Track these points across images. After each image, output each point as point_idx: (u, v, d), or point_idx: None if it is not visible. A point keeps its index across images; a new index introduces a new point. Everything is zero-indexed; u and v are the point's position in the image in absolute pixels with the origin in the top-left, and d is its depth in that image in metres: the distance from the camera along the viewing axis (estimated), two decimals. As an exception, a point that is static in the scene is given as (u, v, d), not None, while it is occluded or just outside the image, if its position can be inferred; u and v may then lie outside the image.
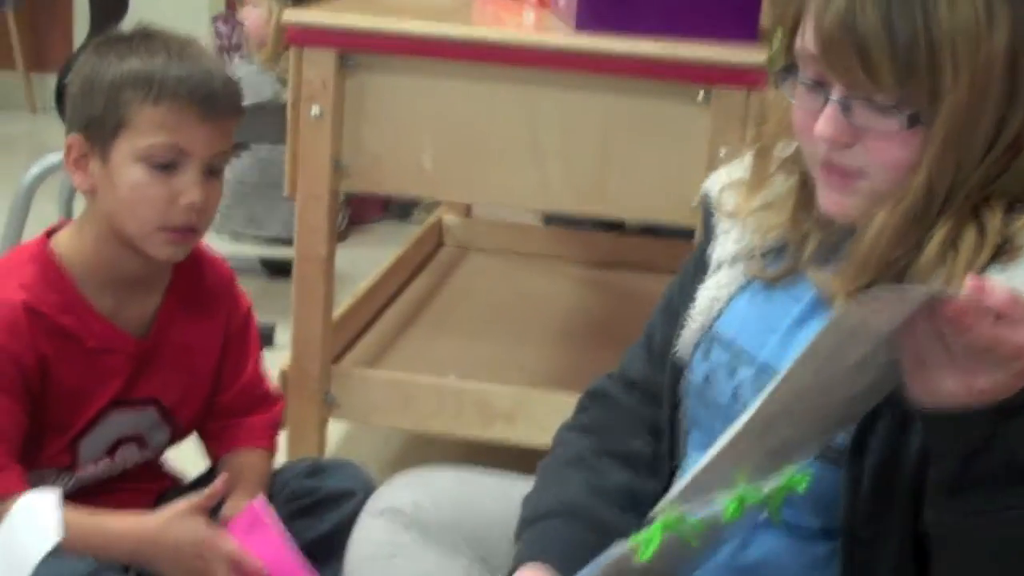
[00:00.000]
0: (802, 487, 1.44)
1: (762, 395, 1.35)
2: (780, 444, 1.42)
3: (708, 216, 1.70)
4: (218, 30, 4.52)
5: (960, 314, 1.26)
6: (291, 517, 2.02)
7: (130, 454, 2.03)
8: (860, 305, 1.28)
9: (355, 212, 4.76)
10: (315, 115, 2.56)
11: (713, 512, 1.42)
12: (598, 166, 2.56)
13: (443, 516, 1.78)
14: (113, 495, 2.02)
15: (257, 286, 3.94)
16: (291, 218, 2.73)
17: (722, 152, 2.39)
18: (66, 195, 3.42)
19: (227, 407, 2.11)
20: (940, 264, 1.43)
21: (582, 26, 2.53)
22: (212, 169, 1.91)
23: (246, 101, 4.07)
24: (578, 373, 2.58)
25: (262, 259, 4.25)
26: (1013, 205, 1.45)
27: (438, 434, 2.90)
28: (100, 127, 1.87)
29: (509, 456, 2.56)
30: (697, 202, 1.77)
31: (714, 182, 1.71)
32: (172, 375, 2.02)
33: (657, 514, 1.44)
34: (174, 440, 2.10)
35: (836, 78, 1.43)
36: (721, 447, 1.39)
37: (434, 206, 4.18)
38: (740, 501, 1.42)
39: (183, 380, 2.04)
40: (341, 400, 2.77)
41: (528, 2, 2.88)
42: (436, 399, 2.76)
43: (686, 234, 2.42)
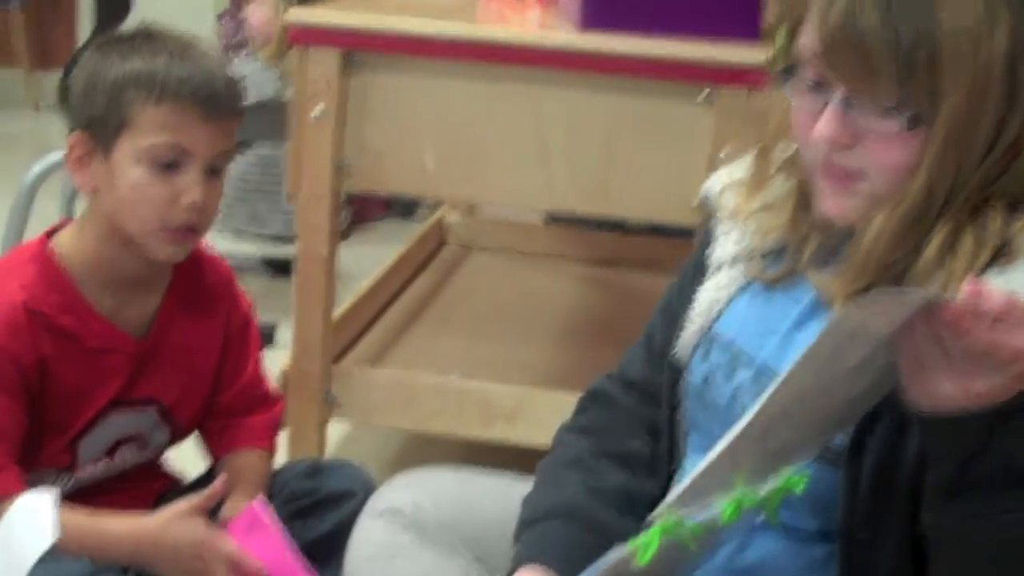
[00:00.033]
0: (800, 488, 1.44)
1: (761, 398, 1.35)
2: (779, 447, 1.42)
3: (708, 217, 1.71)
4: (223, 27, 4.52)
5: (958, 318, 1.27)
6: (291, 517, 2.02)
7: (130, 455, 2.03)
8: (859, 308, 1.28)
9: (358, 210, 4.76)
10: (318, 115, 2.56)
11: (711, 515, 1.42)
12: (601, 166, 2.56)
13: (443, 517, 1.78)
14: (112, 496, 2.01)
15: (259, 285, 3.95)
16: (293, 216, 2.73)
17: (723, 152, 2.39)
18: (68, 194, 3.41)
19: (227, 407, 2.11)
20: (939, 266, 1.43)
21: (585, 26, 2.53)
22: (214, 169, 1.91)
23: (249, 99, 4.08)
24: (579, 373, 2.57)
25: (264, 257, 4.25)
26: (1012, 207, 1.45)
27: (439, 434, 2.90)
28: (102, 127, 1.87)
29: (510, 456, 2.56)
30: (698, 202, 1.77)
31: (714, 183, 1.71)
32: (172, 375, 2.02)
33: (655, 518, 1.44)
34: (174, 440, 2.10)
35: (837, 79, 1.43)
36: (720, 451, 1.39)
37: (437, 205, 4.18)
38: (737, 504, 1.42)
39: (183, 380, 2.04)
40: (342, 400, 2.77)
41: (532, 1, 2.88)
42: (437, 399, 2.76)
43: (689, 233, 2.42)
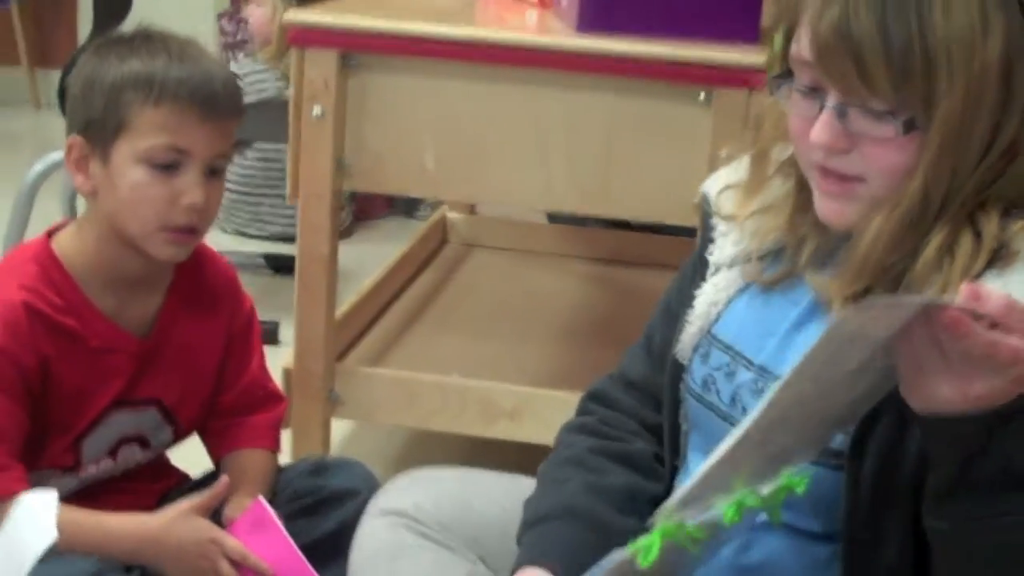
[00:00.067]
0: (801, 488, 1.44)
1: (761, 403, 1.35)
2: (779, 449, 1.42)
3: (707, 218, 1.71)
4: (223, 27, 4.53)
5: (956, 321, 1.27)
6: (295, 516, 2.02)
7: (132, 454, 2.03)
8: (858, 313, 1.28)
9: (360, 208, 4.76)
10: (317, 115, 2.56)
11: (712, 517, 1.42)
12: (600, 166, 2.56)
13: (445, 517, 1.78)
14: (116, 494, 2.02)
15: (261, 283, 3.94)
16: (294, 215, 2.73)
17: (723, 152, 2.39)
18: (69, 193, 3.42)
19: (230, 407, 2.11)
20: (937, 269, 1.44)
21: (584, 27, 2.53)
22: (213, 169, 1.91)
23: (250, 99, 4.09)
24: (582, 371, 2.58)
25: (266, 256, 4.25)
26: (1009, 210, 1.46)
27: (442, 432, 2.90)
28: (101, 128, 1.87)
29: (513, 454, 2.56)
30: (697, 203, 1.77)
31: (712, 184, 1.71)
32: (174, 375, 2.03)
33: (656, 521, 1.45)
34: (177, 440, 2.10)
35: (831, 84, 1.44)
36: (720, 455, 1.39)
37: (439, 203, 4.18)
38: (739, 505, 1.42)
39: (185, 380, 2.04)
40: (345, 398, 2.76)
41: (530, 2, 2.88)
42: (440, 397, 2.76)
43: (692, 231, 2.42)
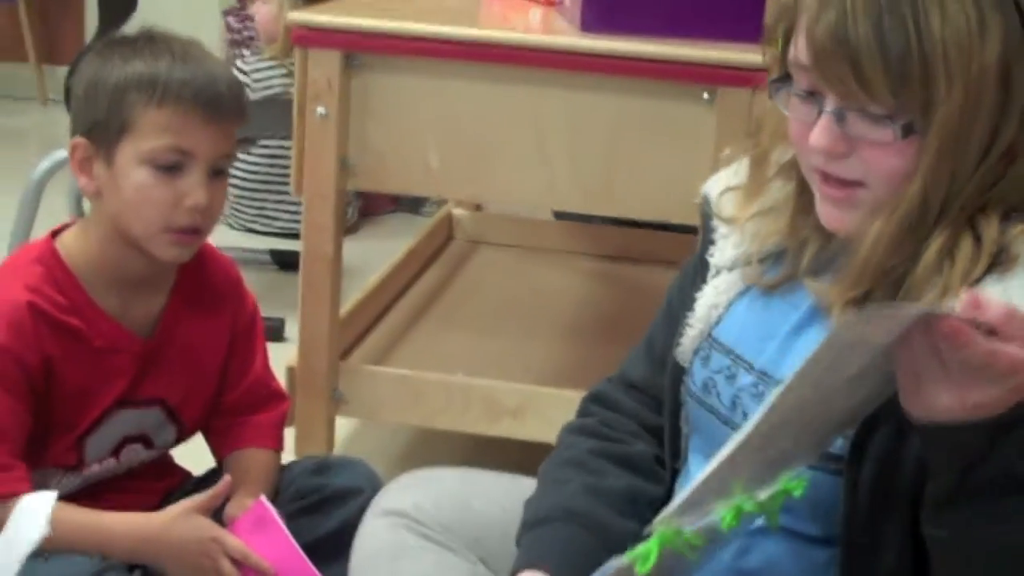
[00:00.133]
0: (799, 492, 1.44)
1: (761, 409, 1.35)
2: (778, 454, 1.42)
3: (707, 220, 1.70)
4: (229, 24, 4.53)
5: (956, 331, 1.27)
6: (298, 514, 2.03)
7: (135, 453, 2.04)
8: (858, 320, 1.28)
9: (366, 204, 4.76)
10: (321, 115, 2.56)
11: (710, 522, 1.43)
12: (604, 166, 2.56)
13: (445, 518, 1.78)
14: (119, 493, 2.03)
15: (266, 279, 3.95)
16: (300, 211, 2.73)
17: (726, 151, 2.39)
18: (76, 190, 3.42)
19: (233, 406, 2.12)
20: (937, 273, 1.44)
21: (588, 27, 2.54)
22: (216, 170, 1.91)
23: (256, 95, 4.10)
24: (587, 370, 2.58)
25: (271, 252, 4.25)
26: (1009, 214, 1.45)
27: (446, 430, 2.90)
28: (104, 130, 1.88)
29: (517, 452, 2.57)
30: (698, 203, 1.77)
31: (713, 186, 1.71)
32: (177, 375, 2.03)
33: (655, 528, 1.45)
34: (180, 439, 2.10)
35: (829, 89, 1.43)
36: (719, 461, 1.39)
37: (445, 200, 4.18)
38: (737, 510, 1.43)
39: (188, 380, 2.05)
40: (349, 396, 2.77)
41: (535, 2, 2.89)
42: (444, 395, 2.76)
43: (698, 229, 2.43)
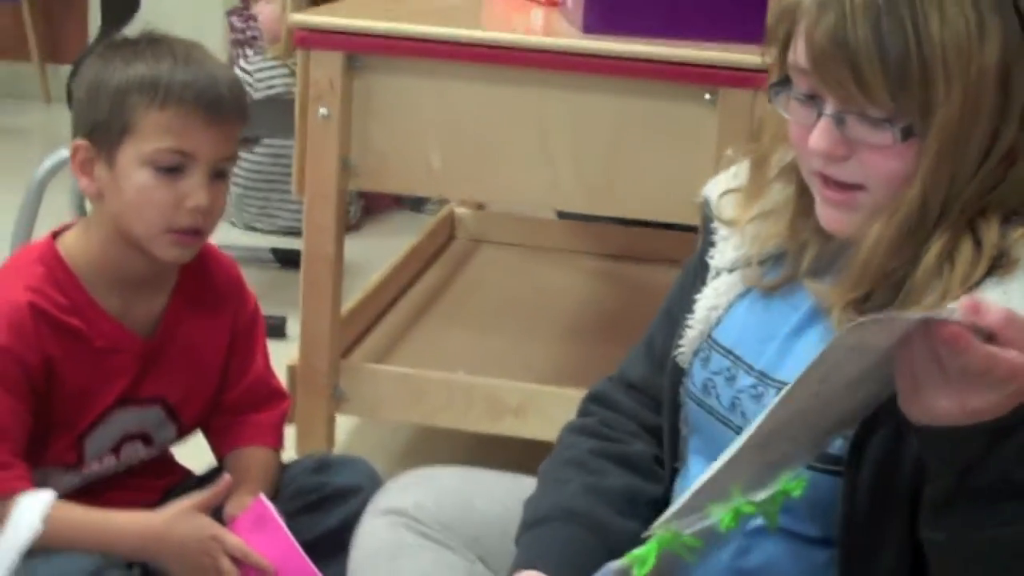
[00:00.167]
0: (798, 492, 1.45)
1: (761, 415, 1.36)
2: (777, 457, 1.43)
3: (707, 222, 1.70)
4: (232, 24, 4.54)
5: (955, 336, 1.27)
6: (298, 513, 2.03)
7: (135, 451, 2.04)
8: (859, 327, 1.28)
9: (369, 202, 4.77)
10: (323, 116, 2.56)
11: (708, 524, 1.44)
12: (606, 167, 2.57)
13: (445, 516, 1.79)
14: (119, 492, 2.03)
15: (269, 277, 3.96)
16: (303, 209, 2.73)
17: (728, 151, 2.39)
18: (78, 190, 3.43)
19: (233, 404, 2.12)
20: (937, 276, 1.44)
21: (589, 28, 2.54)
22: (218, 172, 1.91)
23: (259, 95, 4.10)
24: (588, 368, 2.58)
25: (274, 250, 4.25)
26: (1009, 218, 1.45)
27: (447, 428, 2.91)
28: (106, 131, 1.88)
29: (518, 450, 2.57)
30: (698, 205, 1.77)
31: (713, 188, 1.71)
32: (178, 374, 2.03)
33: (653, 531, 1.45)
34: (180, 437, 2.11)
35: (828, 92, 1.44)
36: (719, 466, 1.39)
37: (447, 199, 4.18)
38: (736, 512, 1.43)
39: (189, 379, 2.05)
40: (350, 394, 2.77)
41: (536, 3, 2.89)
42: (445, 393, 2.77)
43: (700, 228, 2.43)
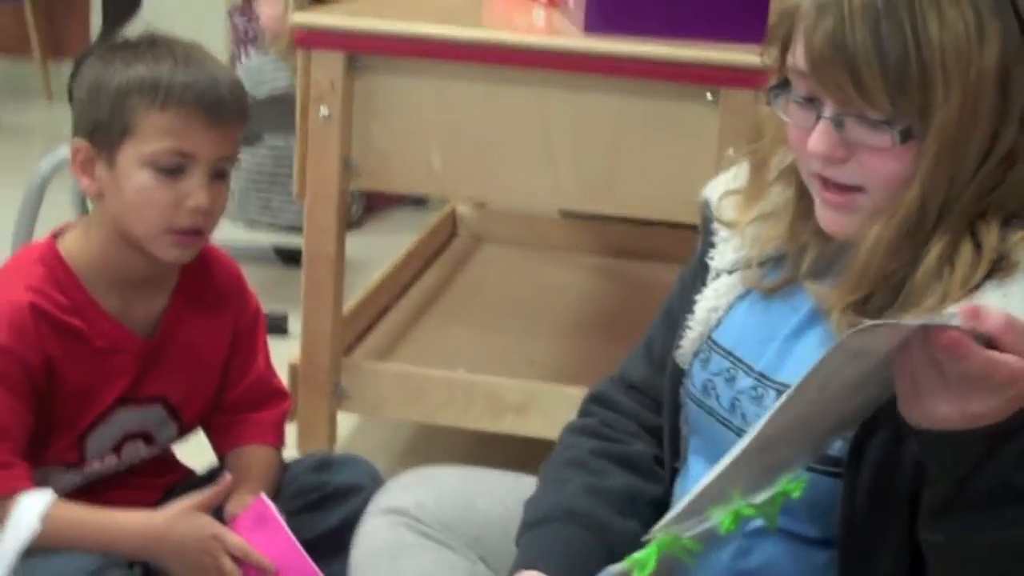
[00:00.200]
0: (797, 493, 1.45)
1: (761, 420, 1.36)
2: (777, 460, 1.43)
3: (708, 223, 1.71)
4: (234, 23, 4.54)
5: (955, 343, 1.27)
6: (299, 512, 2.03)
7: (136, 450, 2.04)
8: (860, 334, 1.28)
9: (371, 199, 4.77)
10: (324, 116, 2.56)
11: (708, 527, 1.44)
12: (608, 166, 2.57)
13: (446, 516, 1.79)
14: (120, 490, 2.03)
15: (270, 274, 3.96)
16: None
17: (730, 151, 2.40)
18: (79, 188, 3.43)
19: (235, 403, 2.12)
20: (936, 280, 1.44)
21: (591, 28, 2.54)
22: (218, 172, 1.92)
23: (261, 93, 4.11)
24: (590, 366, 2.59)
25: (276, 247, 4.26)
26: (1009, 220, 1.46)
27: (448, 426, 2.91)
28: (106, 132, 1.88)
29: (520, 448, 2.58)
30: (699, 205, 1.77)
31: (713, 189, 1.71)
32: (179, 373, 2.04)
33: (653, 535, 1.46)
34: (181, 436, 2.11)
35: (827, 95, 1.44)
36: (719, 471, 1.40)
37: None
38: (736, 514, 1.44)
39: (190, 378, 2.05)
40: (351, 393, 2.78)
41: (538, 2, 2.89)
42: (446, 392, 2.77)
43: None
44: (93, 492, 1.99)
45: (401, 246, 3.63)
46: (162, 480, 2.12)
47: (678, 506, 1.45)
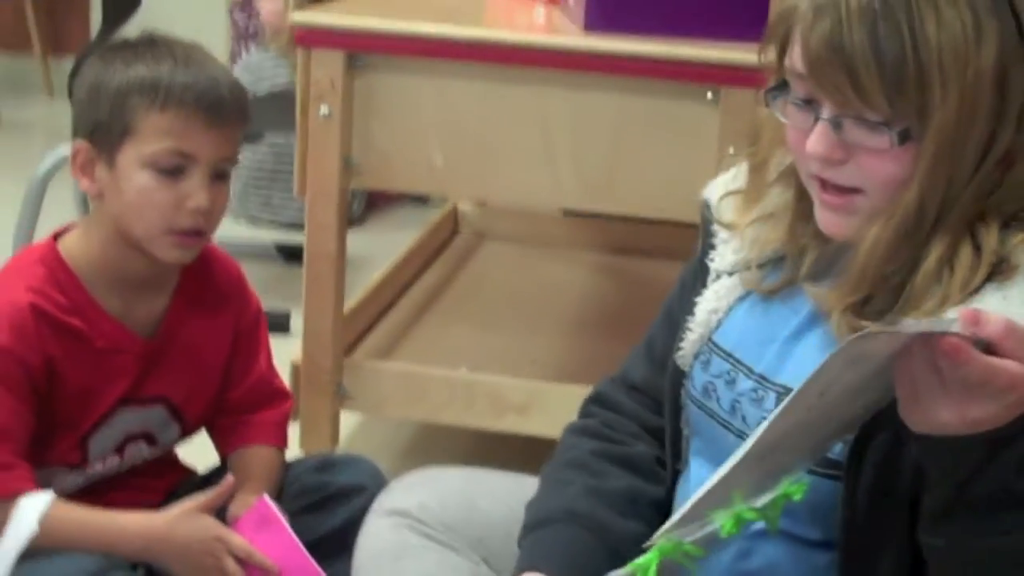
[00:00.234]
0: (799, 496, 1.45)
1: (762, 425, 1.35)
2: (778, 465, 1.43)
3: (707, 224, 1.70)
4: (234, 19, 4.54)
5: (955, 348, 1.26)
6: (301, 512, 2.03)
7: (138, 451, 2.04)
8: (860, 340, 1.28)
9: (373, 196, 4.76)
10: (324, 114, 2.56)
11: (710, 531, 1.44)
12: (608, 165, 2.57)
13: (449, 517, 1.79)
14: (122, 491, 2.03)
15: (272, 272, 3.96)
16: (306, 203, 2.73)
17: (731, 150, 2.40)
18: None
19: (236, 404, 2.12)
20: (936, 282, 1.44)
21: (591, 27, 2.54)
22: (218, 173, 1.92)
23: (261, 89, 4.10)
24: (592, 365, 2.59)
25: (277, 244, 4.26)
26: (1008, 223, 1.45)
27: (450, 426, 2.91)
28: (106, 133, 1.88)
29: (522, 447, 2.58)
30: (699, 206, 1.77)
31: (713, 190, 1.71)
32: (180, 374, 2.04)
33: (655, 541, 1.46)
34: (183, 436, 2.11)
35: (825, 97, 1.44)
36: (720, 477, 1.40)
37: (449, 196, 4.18)
38: (737, 517, 1.43)
39: (191, 379, 2.05)
40: (353, 392, 2.78)
41: (538, 1, 2.88)
42: (448, 391, 2.77)
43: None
44: (95, 493, 1.99)
45: (403, 243, 3.62)
46: (164, 481, 2.12)
47: (679, 512, 1.45)
